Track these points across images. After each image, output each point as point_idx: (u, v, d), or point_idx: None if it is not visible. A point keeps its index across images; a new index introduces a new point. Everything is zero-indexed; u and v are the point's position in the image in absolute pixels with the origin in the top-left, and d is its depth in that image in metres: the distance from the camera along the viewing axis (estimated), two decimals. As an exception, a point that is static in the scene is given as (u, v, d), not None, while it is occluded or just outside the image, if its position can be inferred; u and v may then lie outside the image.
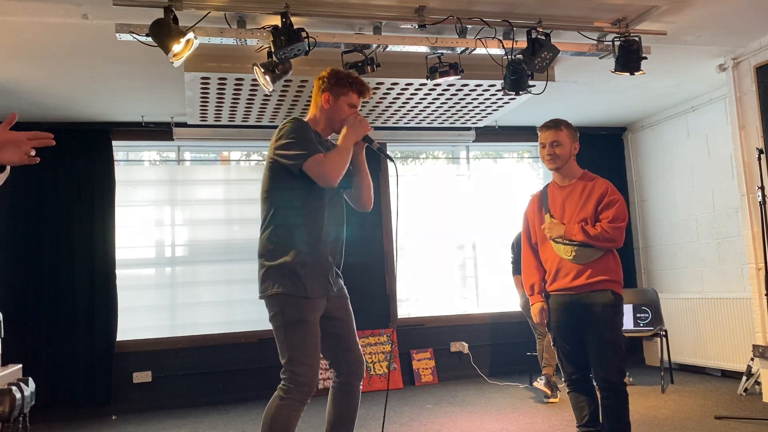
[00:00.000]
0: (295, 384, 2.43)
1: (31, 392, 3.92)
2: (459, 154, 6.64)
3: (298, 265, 2.48)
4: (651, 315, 5.51)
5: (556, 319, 3.01)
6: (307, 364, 2.44)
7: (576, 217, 2.95)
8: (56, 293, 5.27)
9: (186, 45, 3.30)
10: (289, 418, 2.42)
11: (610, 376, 2.85)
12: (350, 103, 2.66)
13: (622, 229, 2.88)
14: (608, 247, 2.91)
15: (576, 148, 3.04)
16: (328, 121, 2.68)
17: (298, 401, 2.44)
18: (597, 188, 2.97)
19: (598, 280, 2.88)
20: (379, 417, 4.55)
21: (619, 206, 2.91)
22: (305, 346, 2.45)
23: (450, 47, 3.82)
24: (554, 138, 3.01)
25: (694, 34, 4.24)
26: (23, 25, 3.59)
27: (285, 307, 2.47)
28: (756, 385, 4.63)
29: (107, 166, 5.49)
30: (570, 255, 2.93)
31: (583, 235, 2.88)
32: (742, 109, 4.66)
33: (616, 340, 2.88)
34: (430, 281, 6.30)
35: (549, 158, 3.02)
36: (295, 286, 2.47)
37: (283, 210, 2.54)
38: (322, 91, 2.67)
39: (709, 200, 5.71)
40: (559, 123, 3.04)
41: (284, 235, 2.52)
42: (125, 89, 4.78)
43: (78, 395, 5.21)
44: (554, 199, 3.06)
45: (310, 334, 2.47)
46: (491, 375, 6.00)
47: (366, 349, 5.82)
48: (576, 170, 3.06)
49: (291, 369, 2.44)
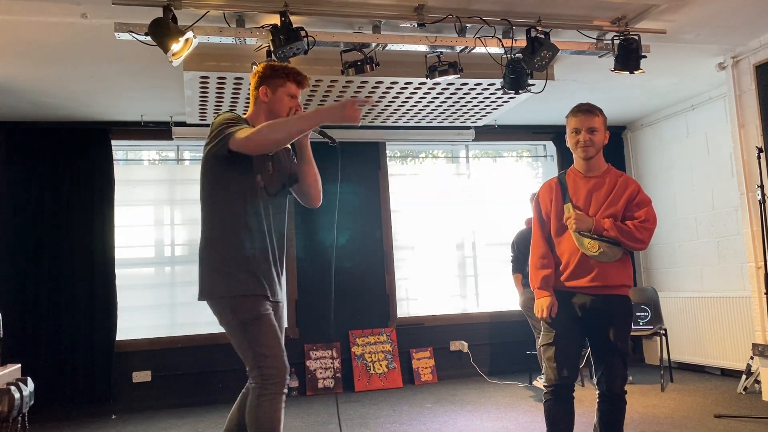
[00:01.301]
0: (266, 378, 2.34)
1: (30, 392, 3.92)
2: (458, 153, 6.64)
3: (240, 265, 2.41)
4: (651, 314, 5.51)
5: (563, 318, 2.78)
6: (272, 355, 2.35)
7: (603, 211, 2.75)
8: (56, 292, 5.26)
9: (185, 44, 3.30)
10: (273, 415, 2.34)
11: (615, 388, 2.73)
12: (289, 94, 2.56)
13: (652, 232, 2.74)
14: (635, 248, 2.75)
15: (607, 137, 2.87)
16: (268, 114, 2.55)
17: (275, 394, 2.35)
18: (629, 186, 2.79)
19: (618, 285, 2.74)
20: (380, 416, 4.56)
21: (651, 208, 2.76)
22: (265, 338, 2.36)
23: (449, 46, 3.82)
24: (591, 124, 2.79)
25: (694, 33, 4.24)
26: (22, 24, 3.58)
27: (235, 307, 2.39)
28: (755, 384, 4.63)
29: (106, 166, 5.48)
30: (595, 251, 2.71)
31: (616, 231, 2.68)
32: (742, 108, 4.65)
33: (627, 350, 2.74)
34: (429, 280, 6.30)
35: (584, 145, 2.78)
36: (241, 285, 2.40)
37: (220, 208, 2.47)
38: (258, 85, 2.57)
39: (708, 199, 5.71)
40: (595, 108, 2.84)
41: (224, 234, 2.44)
42: (124, 88, 4.77)
43: (77, 394, 5.21)
44: (577, 189, 2.83)
45: (269, 325, 2.39)
46: (491, 374, 6.00)
47: (366, 348, 5.82)
48: (603, 162, 2.87)
49: (258, 365, 2.35)
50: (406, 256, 6.26)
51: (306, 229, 5.94)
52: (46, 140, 5.40)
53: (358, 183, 6.13)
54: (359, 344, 5.82)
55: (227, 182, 2.47)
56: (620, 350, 2.71)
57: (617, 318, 2.73)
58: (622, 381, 2.75)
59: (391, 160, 6.38)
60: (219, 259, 2.43)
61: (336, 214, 6.04)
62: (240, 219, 2.45)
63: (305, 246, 5.92)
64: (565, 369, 2.74)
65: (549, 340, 2.78)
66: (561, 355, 2.74)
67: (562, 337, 2.76)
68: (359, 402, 5.14)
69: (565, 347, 2.75)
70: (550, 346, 2.77)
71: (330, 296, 5.91)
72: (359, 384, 5.66)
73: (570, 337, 2.76)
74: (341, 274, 5.96)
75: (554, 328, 2.78)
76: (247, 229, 2.45)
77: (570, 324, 2.77)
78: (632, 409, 4.37)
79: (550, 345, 2.77)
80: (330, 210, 6.03)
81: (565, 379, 2.74)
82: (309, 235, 5.95)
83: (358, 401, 5.17)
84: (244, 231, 2.44)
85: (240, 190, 2.46)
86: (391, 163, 6.36)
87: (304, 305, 5.85)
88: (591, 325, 2.77)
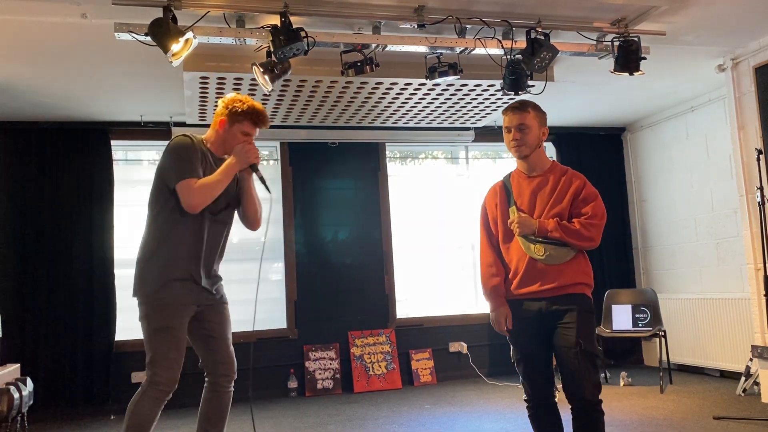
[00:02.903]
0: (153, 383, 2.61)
1: (29, 392, 3.92)
2: (458, 154, 6.64)
3: (169, 272, 2.65)
4: (650, 315, 5.51)
5: (521, 329, 2.61)
6: (167, 366, 2.62)
7: (548, 212, 2.59)
8: (55, 293, 5.26)
9: (185, 44, 3.30)
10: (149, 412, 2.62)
11: (586, 394, 2.47)
12: (244, 131, 2.78)
13: (601, 228, 2.57)
14: (584, 247, 2.58)
15: (545, 134, 2.69)
16: (221, 142, 2.81)
17: (156, 398, 2.62)
18: (573, 181, 2.63)
19: (571, 284, 2.54)
20: (379, 417, 4.56)
21: (598, 202, 2.60)
22: (167, 349, 2.63)
23: (449, 47, 3.82)
24: (520, 121, 2.62)
25: (693, 35, 4.24)
26: (22, 24, 3.58)
27: (150, 312, 2.66)
28: (755, 386, 4.63)
29: (106, 166, 5.48)
30: (542, 255, 2.55)
31: (560, 231, 2.52)
32: (741, 110, 4.66)
33: (593, 350, 2.50)
34: (428, 281, 6.30)
35: (515, 144, 2.63)
36: (163, 292, 2.64)
37: (163, 220, 2.71)
38: (220, 115, 2.80)
39: (708, 200, 5.71)
40: (526, 104, 2.66)
41: (161, 242, 2.69)
42: (124, 89, 4.77)
43: (76, 395, 5.20)
44: (521, 191, 2.69)
45: (174, 338, 2.64)
46: (490, 375, 6.00)
47: (365, 349, 5.82)
48: (545, 159, 2.70)
49: (152, 369, 2.62)
50: (406, 257, 6.26)
51: (305, 229, 5.94)
52: (45, 140, 5.40)
53: (357, 184, 6.13)
54: (358, 345, 5.82)
55: (170, 201, 2.69)
56: (585, 350, 2.47)
57: (576, 316, 2.51)
58: (592, 386, 2.48)
59: (390, 160, 6.38)
60: (149, 266, 2.70)
61: (335, 214, 6.05)
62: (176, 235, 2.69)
63: (304, 246, 5.92)
64: (537, 383, 2.63)
65: (517, 356, 2.67)
66: (530, 369, 2.63)
67: (527, 356, 2.62)
68: (358, 403, 5.13)
69: (532, 361, 2.62)
70: (519, 363, 2.66)
71: (329, 297, 5.91)
72: (358, 385, 5.66)
73: (533, 349, 2.61)
74: (340, 275, 5.96)
75: (517, 344, 2.66)
76: (182, 245, 2.68)
77: (531, 336, 2.60)
78: (631, 411, 4.37)
79: (519, 362, 2.66)
80: (329, 210, 6.04)
81: (539, 393, 2.63)
82: (308, 236, 5.94)
83: (357, 402, 5.17)
84: (178, 246, 2.68)
85: (181, 211, 2.67)
86: (390, 164, 6.36)
87: (303, 306, 5.84)
88: (550, 329, 2.56)
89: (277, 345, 5.70)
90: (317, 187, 6.00)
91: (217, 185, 2.66)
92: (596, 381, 2.50)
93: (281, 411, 4.91)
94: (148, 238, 2.74)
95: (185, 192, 2.61)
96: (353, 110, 5.21)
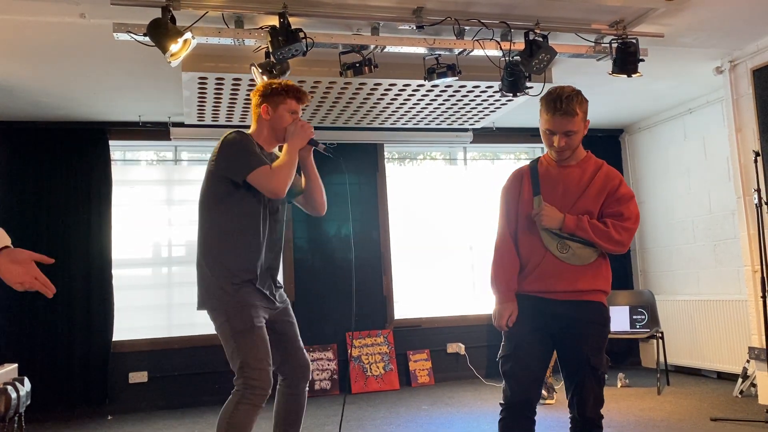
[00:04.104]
0: (249, 388, 2.48)
1: (27, 392, 3.91)
2: (456, 156, 6.65)
3: (238, 276, 2.53)
4: (647, 317, 5.52)
5: (527, 326, 2.41)
6: (260, 368, 2.48)
7: (577, 206, 2.38)
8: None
9: (183, 45, 3.30)
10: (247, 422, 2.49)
11: (587, 411, 2.35)
12: (290, 110, 2.68)
13: (633, 233, 2.36)
14: (612, 251, 2.37)
15: (587, 126, 2.44)
16: (271, 131, 2.70)
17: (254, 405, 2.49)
18: (610, 177, 2.40)
19: (589, 290, 2.36)
20: (376, 418, 4.56)
21: (634, 203, 2.38)
22: (256, 350, 2.49)
23: (448, 48, 3.83)
24: (568, 127, 2.36)
25: (691, 37, 4.25)
26: (20, 24, 3.58)
27: (231, 316, 2.51)
28: (752, 387, 4.64)
29: (104, 166, 5.48)
30: (564, 253, 2.36)
31: (590, 230, 2.32)
32: (739, 112, 4.67)
33: (601, 367, 2.36)
34: (426, 282, 6.30)
35: (559, 150, 2.41)
36: (238, 294, 2.52)
37: (222, 221, 2.58)
38: (260, 103, 2.70)
39: (705, 202, 5.72)
40: (572, 104, 2.34)
41: (225, 246, 2.56)
42: (122, 89, 4.77)
43: (74, 395, 5.20)
44: (548, 180, 2.46)
45: (261, 338, 2.52)
46: (488, 376, 6.00)
47: (363, 350, 5.82)
48: (580, 149, 2.46)
49: (244, 374, 2.48)
50: (404, 258, 6.26)
51: (304, 229, 5.94)
52: (43, 140, 5.39)
53: (356, 184, 6.14)
54: (356, 346, 5.82)
55: (230, 202, 2.57)
56: (592, 366, 2.33)
57: (589, 327, 2.36)
58: (595, 403, 2.35)
59: (389, 161, 6.39)
60: (216, 272, 2.54)
61: (333, 215, 6.05)
62: (239, 237, 2.56)
63: (302, 246, 5.92)
64: (522, 387, 2.38)
65: (506, 352, 2.43)
66: (519, 370, 2.38)
67: (521, 349, 2.40)
68: (356, 404, 5.13)
69: (525, 362, 2.39)
70: (508, 360, 2.42)
71: (327, 298, 5.91)
72: (356, 386, 5.66)
73: (530, 350, 2.39)
74: (338, 276, 5.96)
75: (513, 340, 2.43)
76: (246, 246, 2.56)
77: (533, 335, 2.40)
78: (629, 412, 4.37)
79: (507, 358, 2.42)
80: (327, 211, 6.03)
81: (521, 398, 2.38)
82: (306, 236, 5.95)
83: (355, 403, 5.17)
84: (242, 247, 2.56)
85: (242, 211, 2.57)
86: (389, 165, 6.36)
87: (301, 307, 5.84)
88: (559, 337, 2.40)
89: (274, 345, 5.69)
90: (315, 187, 5.99)
91: (290, 166, 2.56)
92: (599, 397, 2.38)
93: (279, 412, 4.90)
94: (207, 248, 2.59)
95: (264, 178, 2.49)
96: (352, 111, 5.21)
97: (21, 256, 1.74)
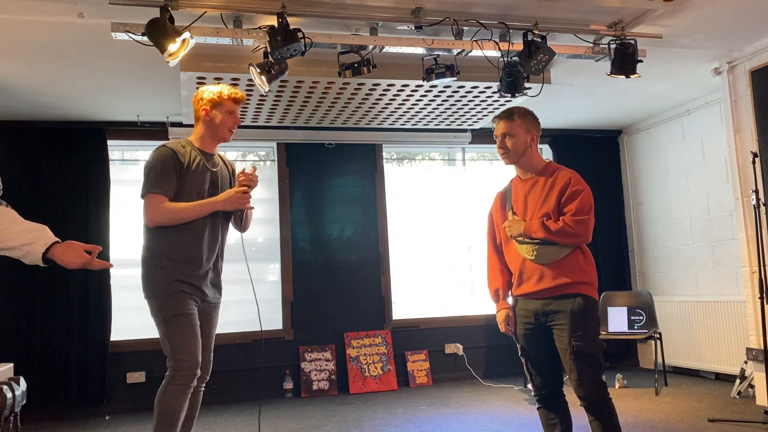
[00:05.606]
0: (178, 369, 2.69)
1: (23, 391, 3.90)
2: (455, 156, 6.65)
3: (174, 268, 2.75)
4: (645, 317, 5.52)
5: (522, 327, 2.73)
6: (188, 351, 2.70)
7: (538, 212, 2.65)
8: (49, 291, 5.24)
9: (182, 45, 3.29)
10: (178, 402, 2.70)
11: (586, 393, 2.55)
12: (228, 111, 2.88)
13: (587, 222, 2.57)
14: (573, 243, 2.60)
15: (534, 138, 2.73)
16: (211, 132, 2.89)
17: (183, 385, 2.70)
18: (559, 179, 2.66)
19: (564, 283, 2.58)
20: (374, 418, 4.55)
21: (584, 197, 2.60)
22: (185, 335, 2.71)
23: (446, 49, 3.83)
24: (505, 129, 2.71)
25: (690, 38, 4.25)
26: (18, 24, 3.57)
27: (162, 304, 2.73)
28: (749, 388, 4.64)
29: (102, 166, 5.47)
30: (531, 255, 2.63)
31: (543, 231, 2.58)
32: (737, 113, 4.67)
33: (588, 350, 2.54)
34: (425, 282, 6.30)
35: (502, 153, 2.73)
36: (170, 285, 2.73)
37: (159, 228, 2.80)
38: (201, 107, 2.88)
39: (704, 203, 5.73)
40: (512, 112, 2.72)
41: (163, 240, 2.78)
42: (121, 88, 4.76)
43: (71, 395, 5.19)
44: (517, 195, 2.77)
45: (189, 324, 2.73)
46: (486, 377, 6.00)
47: (361, 350, 5.81)
48: (538, 161, 2.76)
49: (174, 357, 2.71)
50: (402, 258, 6.26)
51: (302, 230, 5.94)
52: (41, 140, 5.39)
53: (354, 185, 6.13)
54: (354, 346, 5.81)
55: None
56: (580, 350, 2.52)
57: (567, 316, 2.56)
58: (592, 385, 2.54)
59: (387, 162, 6.39)
60: (153, 264, 2.78)
61: (332, 215, 6.04)
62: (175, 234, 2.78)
63: (301, 247, 5.92)
64: (541, 380, 2.72)
65: (520, 352, 2.79)
66: (533, 366, 2.74)
67: (527, 349, 2.74)
68: (354, 404, 5.13)
69: (535, 359, 2.72)
70: (522, 358, 2.78)
71: (325, 298, 5.90)
72: (354, 386, 5.66)
73: (534, 347, 2.71)
74: (336, 276, 5.96)
75: (519, 341, 2.77)
76: (182, 242, 2.78)
77: (533, 334, 2.70)
78: (627, 413, 4.37)
79: (522, 357, 2.78)
80: (326, 211, 6.04)
81: (544, 389, 2.73)
82: (305, 236, 5.94)
83: (353, 403, 5.16)
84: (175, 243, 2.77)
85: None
86: (387, 165, 6.36)
87: (300, 307, 5.84)
88: (548, 330, 2.65)
89: (273, 346, 5.69)
90: (314, 188, 6.00)
91: (188, 215, 2.76)
92: (594, 379, 2.55)
93: (277, 412, 4.90)
94: (150, 235, 2.82)
95: (149, 206, 2.72)
96: (350, 111, 5.21)
97: (75, 245, 2.21)
